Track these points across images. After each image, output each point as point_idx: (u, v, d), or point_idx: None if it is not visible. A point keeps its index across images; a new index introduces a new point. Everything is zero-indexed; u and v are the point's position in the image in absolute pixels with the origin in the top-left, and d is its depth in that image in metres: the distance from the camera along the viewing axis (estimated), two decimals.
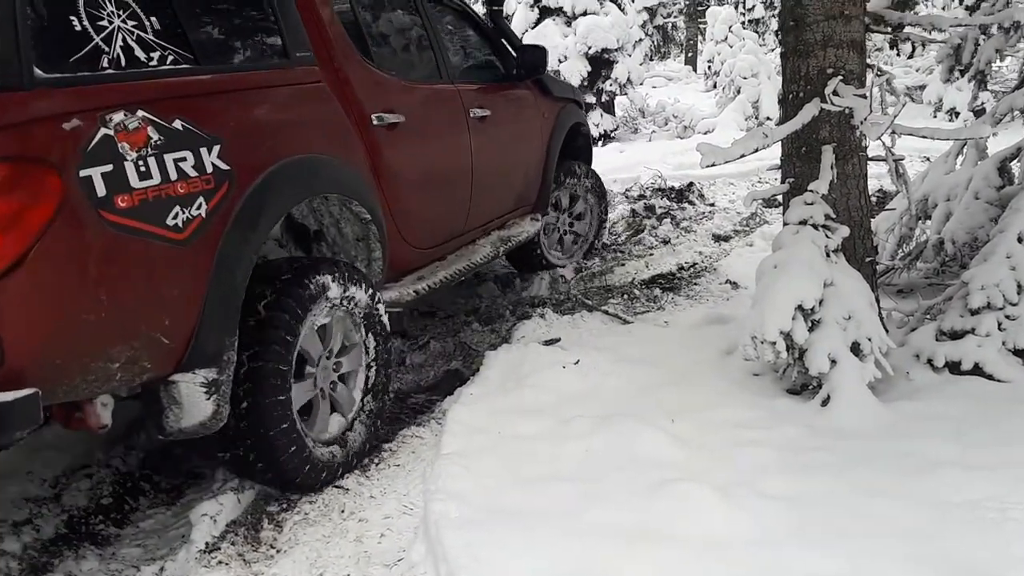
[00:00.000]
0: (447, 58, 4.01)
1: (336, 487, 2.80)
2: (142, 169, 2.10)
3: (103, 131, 2.03)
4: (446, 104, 3.88)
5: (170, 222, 2.17)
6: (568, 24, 12.40)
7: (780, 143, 3.47)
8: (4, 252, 1.86)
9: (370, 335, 3.07)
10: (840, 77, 3.27)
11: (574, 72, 12.09)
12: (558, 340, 3.96)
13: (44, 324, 1.95)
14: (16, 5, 1.94)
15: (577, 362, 3.60)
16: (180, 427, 2.31)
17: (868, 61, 3.45)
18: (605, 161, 9.99)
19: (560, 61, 12.22)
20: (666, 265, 5.58)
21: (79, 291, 1.99)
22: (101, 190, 2.01)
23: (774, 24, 21.75)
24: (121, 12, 2.21)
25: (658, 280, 5.21)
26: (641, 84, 14.77)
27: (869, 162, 3.51)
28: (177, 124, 2.22)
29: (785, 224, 3.35)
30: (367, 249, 3.25)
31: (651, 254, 5.87)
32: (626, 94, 13.08)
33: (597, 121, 12.40)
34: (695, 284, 5.14)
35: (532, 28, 12.68)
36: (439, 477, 2.69)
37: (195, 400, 2.29)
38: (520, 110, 4.73)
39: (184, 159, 2.23)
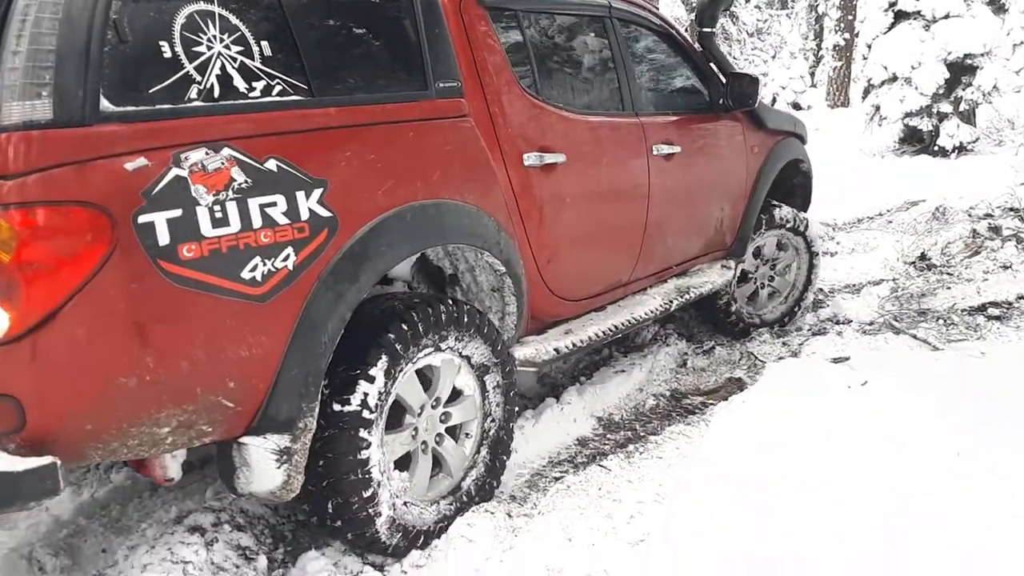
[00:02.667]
0: (633, 86, 3.50)
1: (600, 466, 3.03)
2: (218, 215, 1.88)
3: (174, 171, 1.82)
4: (623, 140, 3.37)
5: (246, 275, 1.94)
6: (926, 28, 11.44)
7: None
8: (32, 306, 1.70)
9: (488, 384, 2.75)
10: None
11: (929, 79, 11.14)
12: (847, 359, 3.81)
13: (74, 387, 1.77)
14: (94, 29, 1.75)
15: (865, 383, 3.43)
16: (251, 490, 2.13)
17: None
18: (950, 175, 9.10)
19: (912, 68, 11.32)
20: (1000, 292, 5.01)
21: (121, 351, 1.80)
22: (164, 238, 1.81)
23: None
24: (226, 37, 1.98)
25: (986, 308, 4.70)
26: (1017, 92, 13.13)
27: None
28: (271, 164, 1.98)
29: None
30: (501, 301, 2.89)
31: (985, 279, 5.33)
32: (991, 103, 11.74)
33: (952, 132, 11.32)
34: None
35: (884, 33, 11.90)
36: (694, 475, 2.77)
37: (265, 467, 2.09)
38: (720, 145, 4.10)
39: (273, 204, 1.98)
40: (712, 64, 4.10)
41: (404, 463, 2.54)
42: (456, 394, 2.72)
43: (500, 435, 2.82)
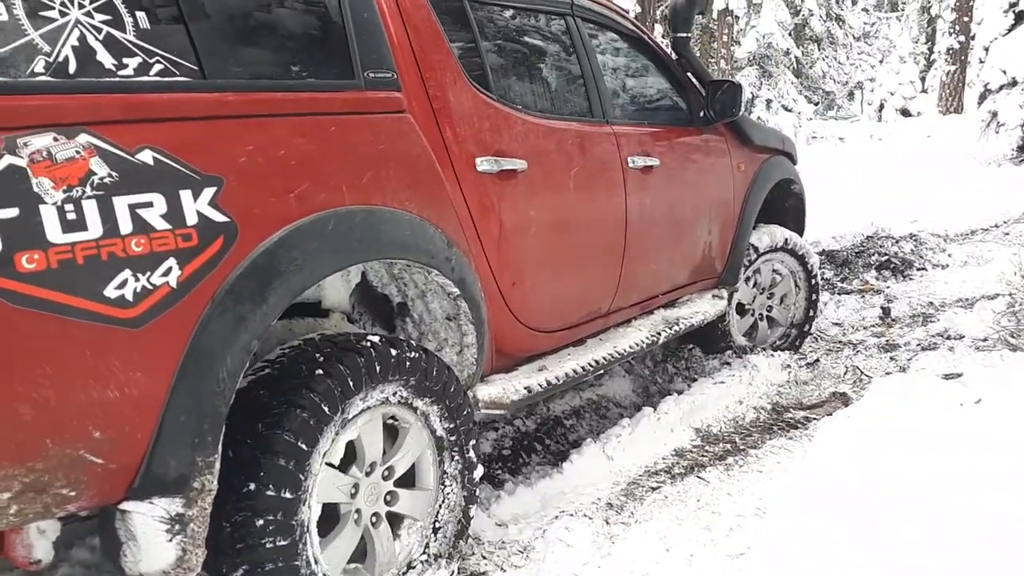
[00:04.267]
0: (603, 93, 3.04)
1: (698, 478, 2.94)
2: (70, 217, 1.42)
3: (7, 160, 1.38)
4: (593, 149, 2.89)
5: (111, 293, 1.47)
6: None
7: None
8: None
9: (449, 461, 2.29)
10: None
11: None
12: (960, 375, 3.46)
13: None
14: None
15: (979, 401, 3.28)
16: (140, 571, 1.63)
17: None
18: None
19: None
20: None
21: None
22: None
23: None
24: (86, 2, 1.55)
25: None
26: None
27: None
28: (146, 156, 1.53)
29: None
30: (458, 331, 2.39)
31: None
32: None
33: None
34: None
35: (1003, 36, 11.34)
36: (796, 489, 2.63)
37: (153, 540, 1.60)
38: (703, 161, 3.61)
39: (148, 205, 1.52)
40: (689, 73, 3.64)
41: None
42: (410, 478, 2.24)
43: (455, 526, 2.34)
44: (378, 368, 1.96)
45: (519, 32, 2.90)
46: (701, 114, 3.60)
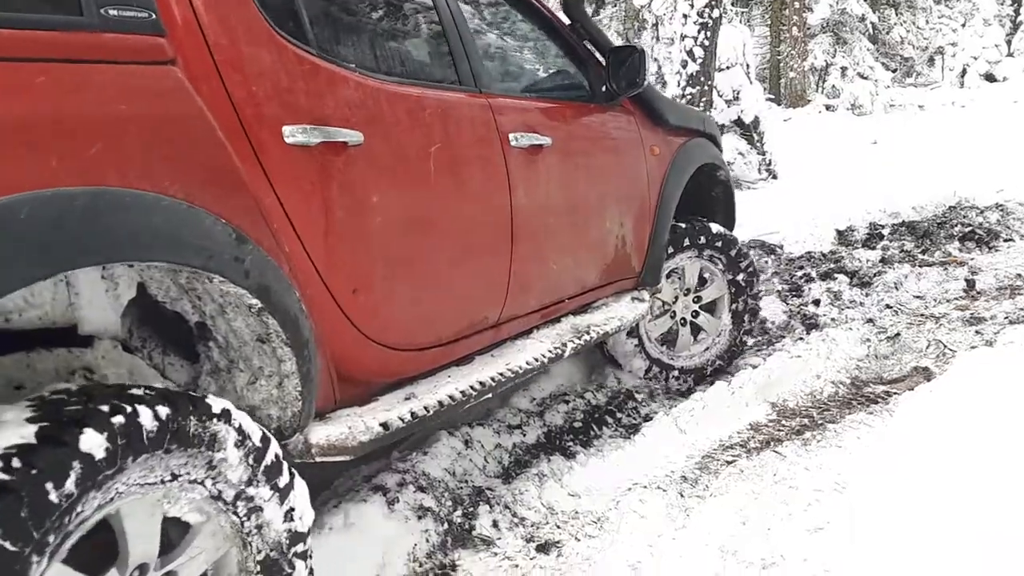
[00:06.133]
0: (473, 57, 2.48)
1: (775, 452, 2.88)
2: None
3: None
4: (462, 122, 2.34)
5: None
6: None
7: None
8: None
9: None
10: None
11: None
12: None
13: None
14: None
15: None
16: None
17: None
18: None
19: None
20: None
21: None
22: None
23: None
24: None
25: None
26: None
27: None
28: None
29: None
30: (273, 356, 1.73)
31: None
32: None
33: None
34: None
35: None
36: (877, 465, 2.59)
37: None
38: (608, 142, 3.14)
39: None
40: (586, 41, 3.17)
41: None
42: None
43: None
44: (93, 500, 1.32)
45: None
46: (603, 88, 3.12)
